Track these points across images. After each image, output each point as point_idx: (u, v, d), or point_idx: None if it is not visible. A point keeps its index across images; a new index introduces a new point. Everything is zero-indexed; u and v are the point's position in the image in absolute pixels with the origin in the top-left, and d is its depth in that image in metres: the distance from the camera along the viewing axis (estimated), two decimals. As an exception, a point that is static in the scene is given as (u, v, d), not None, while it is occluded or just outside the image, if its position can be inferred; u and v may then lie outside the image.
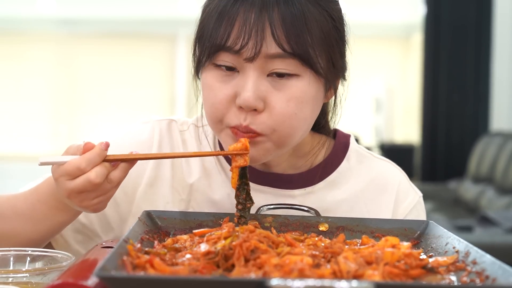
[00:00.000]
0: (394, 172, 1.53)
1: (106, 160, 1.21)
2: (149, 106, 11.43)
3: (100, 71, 11.57)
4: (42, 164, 1.21)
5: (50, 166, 1.32)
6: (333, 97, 1.44)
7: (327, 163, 1.49)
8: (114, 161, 1.22)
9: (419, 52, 7.85)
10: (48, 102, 11.61)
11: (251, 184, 1.37)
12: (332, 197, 1.47)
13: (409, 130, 9.99)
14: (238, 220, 1.29)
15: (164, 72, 11.56)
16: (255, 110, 1.27)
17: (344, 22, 1.37)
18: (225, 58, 1.27)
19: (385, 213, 1.48)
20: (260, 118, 1.27)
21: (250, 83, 1.25)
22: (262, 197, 1.43)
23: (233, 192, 1.42)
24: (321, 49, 1.28)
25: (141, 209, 1.42)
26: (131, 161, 1.24)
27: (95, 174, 1.19)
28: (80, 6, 10.89)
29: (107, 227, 1.50)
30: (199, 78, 1.38)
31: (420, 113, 7.56)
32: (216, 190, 1.47)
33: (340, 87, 1.42)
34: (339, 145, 1.52)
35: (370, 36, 10.93)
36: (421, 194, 1.54)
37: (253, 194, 1.40)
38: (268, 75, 1.27)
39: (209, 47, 1.28)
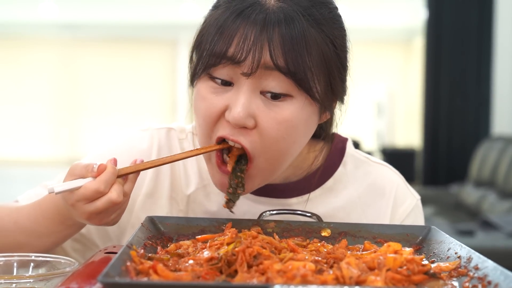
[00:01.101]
0: (391, 176, 1.52)
1: (118, 176, 1.22)
2: (150, 110, 11.44)
3: (101, 75, 11.59)
4: (58, 193, 1.20)
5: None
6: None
7: (324, 169, 1.48)
8: (126, 175, 1.23)
9: (420, 56, 7.85)
10: (50, 106, 11.62)
11: (247, 195, 1.39)
12: (329, 204, 1.46)
13: (410, 134, 10.00)
14: (227, 203, 1.29)
15: (166, 76, 11.57)
16: (245, 128, 1.25)
17: (347, 48, 1.35)
18: (222, 71, 1.25)
19: (383, 218, 1.47)
20: (248, 136, 1.26)
21: (242, 99, 1.23)
22: (259, 208, 1.43)
23: None
24: (320, 73, 1.26)
25: (140, 219, 1.41)
26: (135, 172, 1.25)
27: (116, 194, 1.20)
28: (82, 11, 10.90)
29: (106, 237, 1.50)
30: (193, 86, 1.35)
31: (422, 117, 7.56)
32: (213, 202, 1.46)
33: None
34: (336, 150, 1.50)
35: (372, 40, 10.95)
36: (419, 197, 1.53)
37: (249, 205, 1.41)
38: (261, 93, 1.25)
39: (207, 58, 1.25)
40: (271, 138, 1.25)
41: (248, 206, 1.44)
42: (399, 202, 1.49)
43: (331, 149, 1.49)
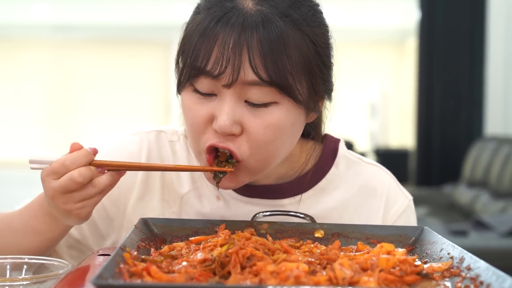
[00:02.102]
0: (383, 176, 1.53)
1: (92, 164, 1.22)
2: (144, 111, 11.41)
3: (94, 77, 11.56)
4: (31, 161, 1.23)
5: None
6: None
7: (316, 170, 1.48)
8: (101, 166, 1.23)
9: (413, 57, 7.86)
10: (43, 108, 11.59)
11: (239, 196, 1.41)
12: (321, 204, 1.47)
13: (404, 135, 10.00)
14: (214, 176, 1.30)
15: (159, 78, 11.54)
16: (232, 134, 1.26)
17: (330, 45, 1.35)
18: (204, 82, 1.25)
19: (375, 218, 1.47)
20: (236, 142, 1.26)
21: (226, 108, 1.24)
22: (252, 208, 1.44)
23: (223, 206, 1.43)
24: (301, 75, 1.26)
25: (132, 223, 1.43)
26: (118, 170, 1.25)
27: (78, 173, 1.20)
28: (75, 12, 10.88)
29: (101, 242, 1.51)
30: (179, 94, 1.36)
31: (415, 117, 7.56)
32: (205, 204, 1.47)
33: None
34: (328, 151, 1.51)
35: (365, 41, 10.95)
36: (411, 198, 1.53)
37: (243, 206, 1.43)
38: (245, 101, 1.25)
39: (189, 69, 1.26)
40: (259, 143, 1.26)
41: (241, 207, 1.45)
42: (391, 202, 1.49)
43: (323, 150, 1.50)
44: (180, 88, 1.32)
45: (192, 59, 1.25)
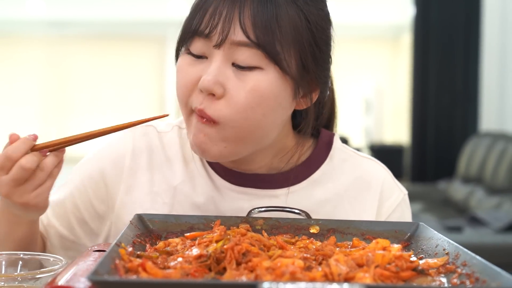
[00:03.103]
0: (378, 170, 1.52)
1: (34, 149, 1.23)
2: (139, 107, 11.42)
3: (89, 73, 11.56)
4: None
5: None
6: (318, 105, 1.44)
7: (310, 162, 1.48)
8: (42, 149, 1.24)
9: (408, 53, 7.87)
10: (38, 105, 11.58)
11: (233, 186, 1.43)
12: (315, 196, 1.46)
13: (398, 131, 10.02)
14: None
15: (154, 74, 11.55)
16: (213, 95, 1.27)
17: (328, 32, 1.36)
18: (197, 44, 1.30)
19: (370, 211, 1.47)
20: (216, 105, 1.27)
21: (212, 67, 1.27)
22: (246, 198, 1.44)
23: (217, 195, 1.44)
24: (290, 48, 1.28)
25: (122, 218, 1.46)
26: (59, 148, 1.26)
27: (25, 160, 1.21)
28: (70, 8, 10.87)
29: (95, 238, 1.52)
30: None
31: (410, 113, 7.57)
32: (199, 194, 1.46)
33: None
34: (322, 144, 1.51)
35: (359, 37, 10.97)
36: (406, 192, 1.53)
37: (236, 196, 1.43)
38: (233, 64, 1.28)
39: (184, 34, 1.32)
40: (238, 106, 1.26)
41: (235, 196, 1.45)
42: (386, 195, 1.49)
43: (318, 142, 1.50)
44: (177, 57, 1.37)
45: (188, 21, 1.31)
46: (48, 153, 1.25)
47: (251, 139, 1.32)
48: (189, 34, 1.31)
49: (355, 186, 1.49)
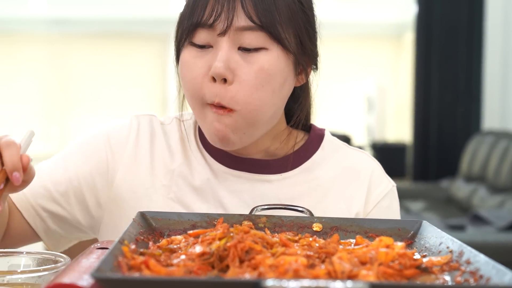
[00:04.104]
0: (367, 160, 1.59)
1: None
2: (140, 105, 11.41)
3: (91, 71, 11.55)
4: None
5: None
6: (308, 87, 1.52)
7: (303, 151, 1.55)
8: None
9: (411, 51, 7.86)
10: (39, 103, 11.58)
11: (228, 169, 1.50)
12: (307, 182, 1.52)
13: (401, 129, 10.01)
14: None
15: (156, 72, 11.55)
16: (225, 81, 1.33)
17: (314, 13, 1.46)
18: (201, 35, 1.36)
19: (359, 199, 1.53)
20: (229, 92, 1.34)
21: (221, 53, 1.33)
22: (239, 181, 1.50)
23: (213, 177, 1.50)
24: (288, 27, 1.36)
25: (120, 194, 1.51)
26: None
27: None
28: (72, 6, 10.86)
29: (89, 217, 1.55)
30: (177, 67, 1.47)
31: (412, 112, 7.57)
32: (196, 176, 1.51)
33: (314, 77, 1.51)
34: (315, 136, 1.58)
35: (362, 35, 10.96)
36: (394, 184, 1.58)
37: (231, 178, 1.49)
38: (238, 49, 1.35)
39: (187, 26, 1.37)
40: (250, 87, 1.34)
41: (230, 179, 1.51)
42: (375, 184, 1.55)
43: (310, 134, 1.57)
44: (178, 51, 1.42)
45: (188, 15, 1.36)
46: None
47: (264, 120, 1.40)
48: (192, 26, 1.36)
49: (345, 174, 1.55)
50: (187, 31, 1.37)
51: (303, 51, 1.41)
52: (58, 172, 1.53)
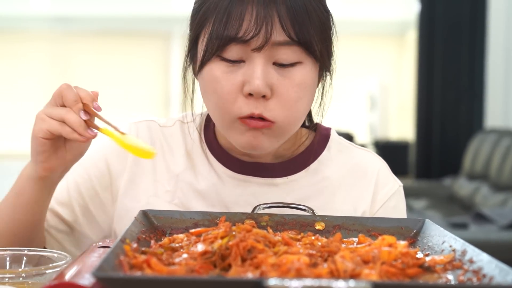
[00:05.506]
0: (374, 160, 1.58)
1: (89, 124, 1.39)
2: (143, 104, 11.41)
3: (94, 69, 11.54)
4: None
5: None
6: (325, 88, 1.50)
7: (308, 152, 1.54)
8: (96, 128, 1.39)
9: (413, 49, 7.85)
10: (42, 100, 11.54)
11: (233, 173, 1.48)
12: (313, 184, 1.51)
13: (403, 127, 9.99)
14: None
15: (159, 70, 11.54)
16: (263, 97, 1.31)
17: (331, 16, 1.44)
18: (233, 50, 1.31)
19: (365, 199, 1.52)
20: (269, 105, 1.32)
21: (259, 71, 1.30)
22: (245, 185, 1.48)
23: (218, 182, 1.48)
24: (320, 39, 1.35)
25: (124, 205, 1.50)
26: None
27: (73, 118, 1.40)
28: (74, 4, 10.86)
29: (97, 230, 1.55)
30: (196, 76, 1.43)
31: (415, 110, 7.56)
32: (201, 181, 1.50)
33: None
34: (320, 136, 1.57)
35: (365, 33, 10.94)
36: (401, 184, 1.57)
37: (237, 183, 1.48)
38: (274, 63, 1.32)
39: (219, 40, 1.31)
40: (290, 101, 1.33)
41: (236, 184, 1.49)
42: (381, 184, 1.54)
43: (316, 134, 1.56)
44: (203, 64, 1.35)
45: (220, 30, 1.30)
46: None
47: (295, 128, 1.41)
48: (225, 41, 1.31)
49: (352, 174, 1.54)
50: (216, 45, 1.31)
51: (328, 58, 1.42)
52: (63, 194, 1.54)
